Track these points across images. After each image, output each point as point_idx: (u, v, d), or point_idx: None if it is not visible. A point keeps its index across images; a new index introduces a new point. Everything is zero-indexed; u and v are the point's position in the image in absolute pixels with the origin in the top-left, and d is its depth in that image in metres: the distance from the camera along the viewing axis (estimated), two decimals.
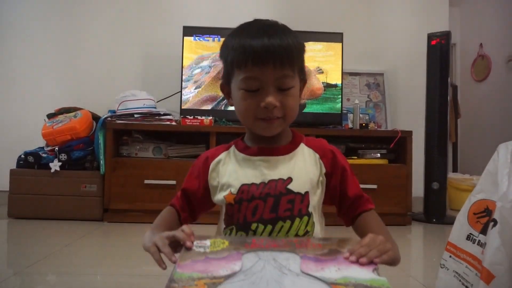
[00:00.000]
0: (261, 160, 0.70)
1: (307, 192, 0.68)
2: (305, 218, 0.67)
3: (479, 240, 0.99)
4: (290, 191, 0.67)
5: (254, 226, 0.66)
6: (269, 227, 0.66)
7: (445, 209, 2.38)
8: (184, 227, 0.59)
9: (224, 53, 0.70)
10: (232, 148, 0.75)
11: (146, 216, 2.10)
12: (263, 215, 0.66)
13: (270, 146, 0.71)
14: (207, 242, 0.57)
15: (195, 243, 0.57)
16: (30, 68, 2.63)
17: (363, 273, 0.50)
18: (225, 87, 0.73)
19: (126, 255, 1.58)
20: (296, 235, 0.66)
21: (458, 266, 1.04)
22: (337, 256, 0.55)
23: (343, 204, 0.75)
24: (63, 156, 2.15)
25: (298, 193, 0.67)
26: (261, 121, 0.67)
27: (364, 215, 0.74)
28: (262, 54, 0.63)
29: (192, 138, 2.31)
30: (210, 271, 0.50)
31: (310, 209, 0.68)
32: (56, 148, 2.15)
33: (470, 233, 1.04)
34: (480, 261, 0.94)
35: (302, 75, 0.72)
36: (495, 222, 0.93)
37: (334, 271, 0.51)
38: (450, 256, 1.09)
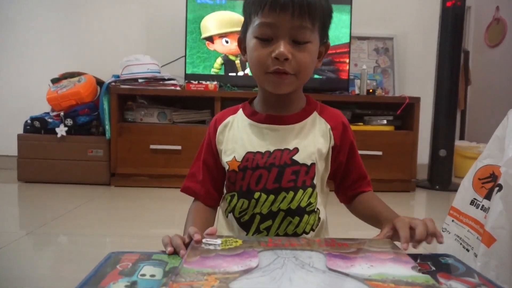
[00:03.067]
0: (268, 129, 0.67)
1: (313, 164, 0.66)
2: (309, 189, 0.66)
3: (482, 205, 0.99)
4: (295, 162, 0.65)
5: (257, 195, 0.65)
6: (272, 196, 0.65)
7: (450, 176, 2.39)
8: (191, 228, 0.54)
9: (246, 3, 0.66)
10: (240, 112, 0.72)
11: (152, 180, 2.14)
12: (266, 185, 0.65)
13: (279, 114, 0.68)
14: (218, 241, 0.53)
15: (204, 240, 0.52)
16: (33, 33, 2.59)
17: (402, 270, 0.44)
18: (242, 41, 0.69)
19: (134, 218, 1.63)
20: (298, 206, 0.66)
21: (460, 230, 1.05)
22: (367, 254, 0.49)
23: (344, 182, 0.73)
24: (69, 121, 2.16)
25: (304, 164, 0.65)
26: (271, 75, 0.62)
27: (365, 195, 0.72)
28: None
29: (197, 103, 2.30)
30: (222, 267, 0.44)
31: (315, 181, 0.67)
32: (62, 113, 2.16)
33: (474, 198, 1.04)
34: (482, 225, 0.95)
35: (325, 37, 0.68)
36: (500, 187, 0.93)
37: (367, 267, 0.45)
38: (453, 221, 1.10)
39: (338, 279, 0.42)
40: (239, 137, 0.69)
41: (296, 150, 0.66)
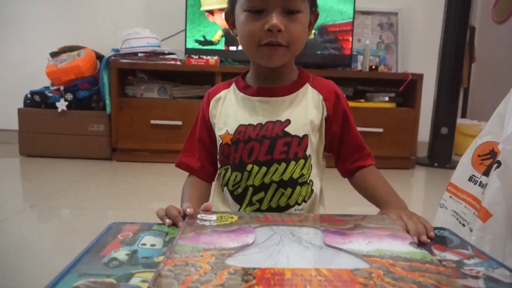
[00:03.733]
0: (260, 101, 0.68)
1: (305, 135, 0.66)
2: (301, 161, 0.66)
3: (480, 182, 1.00)
4: (287, 134, 0.66)
5: (249, 167, 0.66)
6: (264, 168, 0.65)
7: (451, 154, 2.39)
8: (185, 204, 0.55)
9: None
10: (233, 86, 0.72)
11: (153, 155, 2.15)
12: (258, 157, 0.66)
13: (271, 86, 0.68)
14: (213, 217, 0.52)
15: (199, 216, 0.52)
16: (32, 6, 2.53)
17: (399, 246, 0.44)
18: (230, 16, 0.68)
19: (135, 192, 1.64)
20: (290, 177, 0.66)
21: (457, 206, 1.07)
22: (365, 230, 0.49)
23: (341, 154, 0.72)
24: (69, 96, 2.15)
25: (296, 136, 0.66)
26: (264, 48, 0.62)
27: (366, 171, 0.71)
28: None
29: (198, 78, 2.28)
30: (218, 243, 0.43)
31: (308, 152, 0.67)
32: (62, 88, 2.14)
33: (473, 175, 1.05)
34: (480, 201, 0.96)
35: (314, 6, 0.67)
36: (499, 164, 0.94)
37: (365, 244, 0.44)
38: (450, 197, 1.12)
39: (335, 255, 0.42)
40: (231, 110, 0.69)
41: (288, 121, 0.66)
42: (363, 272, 0.37)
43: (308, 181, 0.68)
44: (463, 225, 1.01)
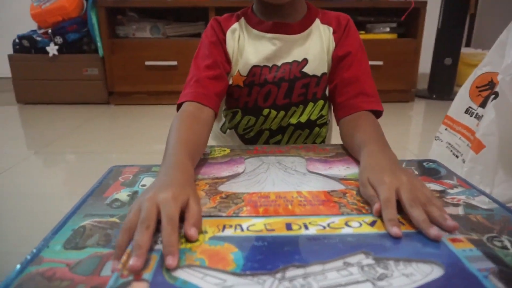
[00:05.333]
0: (276, 39, 0.61)
1: (324, 74, 0.63)
2: (320, 102, 0.64)
3: (477, 113, 1.01)
4: (305, 75, 0.62)
5: (266, 111, 0.63)
6: (282, 113, 0.63)
7: (453, 85, 2.36)
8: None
9: None
10: (242, 20, 0.64)
11: (150, 98, 2.13)
12: (276, 101, 0.63)
13: (283, 22, 0.62)
14: (207, 150, 0.55)
15: None
16: None
17: None
18: None
19: (137, 135, 1.67)
20: (308, 119, 0.64)
21: (452, 138, 1.08)
22: (345, 158, 0.52)
23: (342, 93, 0.61)
24: (59, 39, 2.07)
25: (314, 76, 0.62)
26: None
27: (359, 114, 0.58)
28: None
29: (190, 15, 2.18)
30: (212, 173, 0.47)
31: (328, 92, 0.64)
32: (50, 31, 2.06)
33: (470, 107, 1.05)
34: (474, 132, 0.97)
35: None
36: (496, 95, 0.93)
37: (343, 169, 0.48)
38: (446, 129, 1.13)
39: (316, 179, 0.46)
40: (243, 48, 0.62)
41: (305, 61, 0.62)
42: (338, 193, 0.42)
43: (327, 122, 0.66)
44: (457, 156, 1.03)
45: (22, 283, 0.28)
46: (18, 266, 0.30)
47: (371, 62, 0.67)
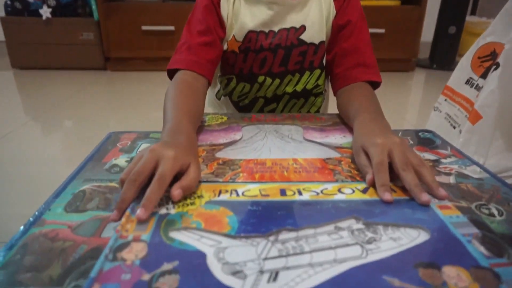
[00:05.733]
0: (273, 3, 0.59)
1: (322, 42, 0.61)
2: (317, 71, 0.63)
3: (477, 84, 1.00)
4: (303, 42, 0.60)
5: (261, 78, 0.62)
6: (277, 80, 0.62)
7: (455, 55, 2.32)
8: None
9: None
10: None
11: (147, 64, 2.10)
12: (272, 68, 0.62)
13: None
14: (205, 117, 0.55)
15: None
16: None
17: None
18: None
19: (134, 101, 1.66)
20: (304, 88, 0.63)
21: (450, 109, 1.08)
22: (341, 126, 0.53)
23: (337, 66, 0.61)
24: (52, 2, 2.01)
25: (312, 44, 0.60)
26: None
27: (355, 85, 0.58)
28: None
29: None
30: (209, 140, 0.48)
31: (325, 61, 0.63)
32: None
33: (470, 77, 1.04)
34: (473, 103, 0.97)
35: None
36: (497, 66, 0.92)
37: (339, 138, 0.49)
38: (445, 100, 1.13)
39: (312, 147, 0.47)
40: (238, 12, 0.60)
41: (303, 28, 0.60)
42: (334, 160, 0.42)
43: (323, 91, 0.66)
44: (454, 127, 1.04)
45: (26, 243, 0.29)
46: (21, 228, 0.31)
47: (372, 30, 0.65)
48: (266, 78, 0.63)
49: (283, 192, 0.35)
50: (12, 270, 0.26)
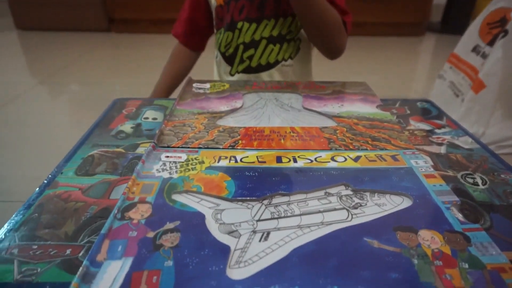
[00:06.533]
0: None
1: None
2: (289, 18, 0.67)
3: (483, 52, 0.99)
4: None
5: (239, 24, 0.68)
6: (254, 25, 0.67)
7: (469, 19, 2.25)
8: None
9: None
10: None
11: (152, 26, 2.07)
12: (248, 14, 0.67)
13: None
14: (207, 85, 0.58)
15: (194, 85, 0.58)
16: None
17: (367, 109, 0.50)
18: None
19: (140, 65, 1.66)
20: (279, 33, 0.68)
21: (455, 77, 1.08)
22: (340, 95, 0.55)
23: None
24: None
25: None
26: None
27: None
28: None
29: None
30: (211, 108, 0.50)
31: None
32: None
33: (477, 45, 1.03)
34: (478, 72, 0.96)
35: None
36: (506, 33, 0.91)
37: (337, 107, 0.51)
38: (450, 67, 1.12)
39: (310, 116, 0.49)
40: None
41: None
42: (330, 130, 0.44)
43: (295, 38, 0.70)
44: (457, 95, 1.04)
45: (42, 203, 0.32)
46: (37, 189, 0.34)
47: None
48: (244, 23, 0.68)
49: (279, 159, 0.37)
50: (31, 227, 0.29)
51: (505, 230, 0.29)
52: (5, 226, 0.30)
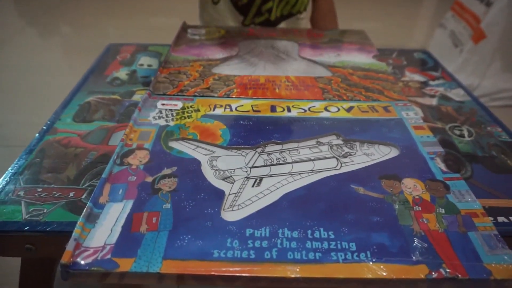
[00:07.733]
0: None
1: None
2: None
3: (488, 0, 0.96)
4: None
5: None
6: None
7: None
8: None
9: None
10: None
11: None
12: None
13: None
14: (202, 30, 0.56)
15: (189, 30, 0.55)
16: None
17: (363, 58, 0.49)
18: None
19: (132, 6, 1.59)
20: None
21: (456, 26, 1.05)
22: (337, 44, 0.54)
23: None
24: None
25: None
26: None
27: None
28: None
29: None
30: (206, 55, 0.49)
31: None
32: None
33: None
34: (480, 21, 0.94)
35: None
36: None
37: (334, 56, 0.50)
38: (453, 16, 1.09)
39: (306, 65, 0.48)
40: None
41: None
42: (324, 79, 0.45)
43: None
44: (456, 46, 1.02)
45: (43, 148, 0.33)
46: (37, 135, 0.35)
47: None
48: None
49: (273, 109, 0.38)
50: (35, 171, 0.31)
51: (484, 179, 0.31)
52: (9, 169, 0.31)
